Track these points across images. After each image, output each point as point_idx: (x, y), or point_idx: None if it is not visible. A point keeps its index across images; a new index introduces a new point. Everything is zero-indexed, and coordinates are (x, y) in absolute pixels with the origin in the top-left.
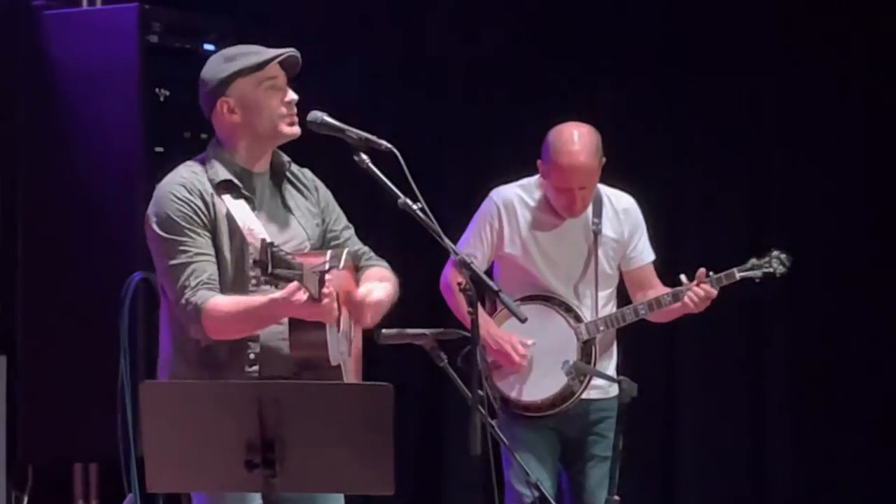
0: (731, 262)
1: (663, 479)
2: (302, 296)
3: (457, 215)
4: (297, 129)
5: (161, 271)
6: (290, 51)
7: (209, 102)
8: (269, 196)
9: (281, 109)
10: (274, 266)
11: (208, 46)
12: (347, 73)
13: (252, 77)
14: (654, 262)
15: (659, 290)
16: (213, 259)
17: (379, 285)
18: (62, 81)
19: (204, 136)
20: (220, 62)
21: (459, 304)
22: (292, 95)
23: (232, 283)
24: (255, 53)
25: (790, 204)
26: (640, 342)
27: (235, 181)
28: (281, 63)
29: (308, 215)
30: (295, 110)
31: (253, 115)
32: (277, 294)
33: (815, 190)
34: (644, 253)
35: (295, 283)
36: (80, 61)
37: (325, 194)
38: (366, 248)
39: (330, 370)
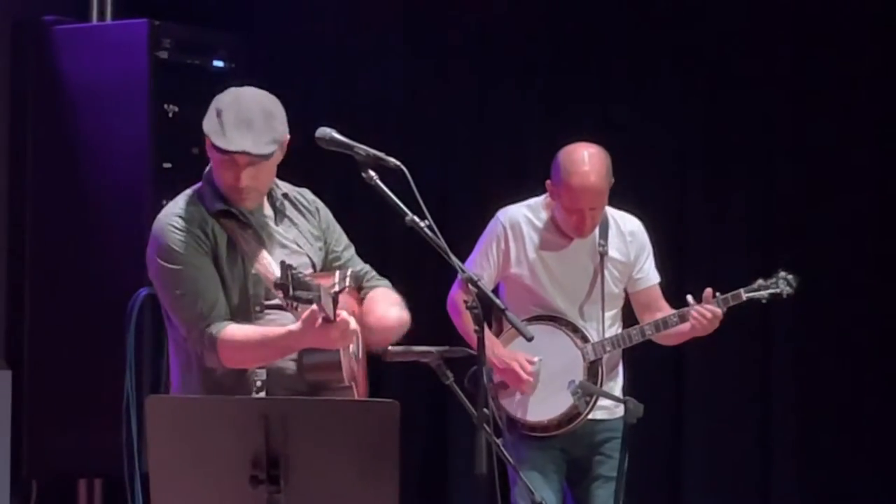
0: (738, 282)
1: (669, 499)
2: (318, 322)
3: (463, 235)
4: (247, 205)
5: (168, 303)
6: (244, 149)
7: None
8: (269, 221)
9: (230, 182)
10: (294, 288)
11: (217, 63)
12: (356, 91)
13: (213, 146)
14: (661, 283)
15: (666, 311)
16: (219, 286)
17: (393, 310)
18: (72, 96)
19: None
20: (211, 107)
21: (466, 325)
22: (244, 182)
23: (237, 309)
24: (219, 129)
25: (798, 218)
26: (647, 362)
27: (234, 210)
28: None
29: (311, 238)
30: (243, 193)
31: (215, 174)
32: (294, 326)
33: (823, 204)
34: (650, 275)
35: (309, 311)
36: (90, 76)
37: (326, 215)
38: (368, 268)
39: (342, 390)
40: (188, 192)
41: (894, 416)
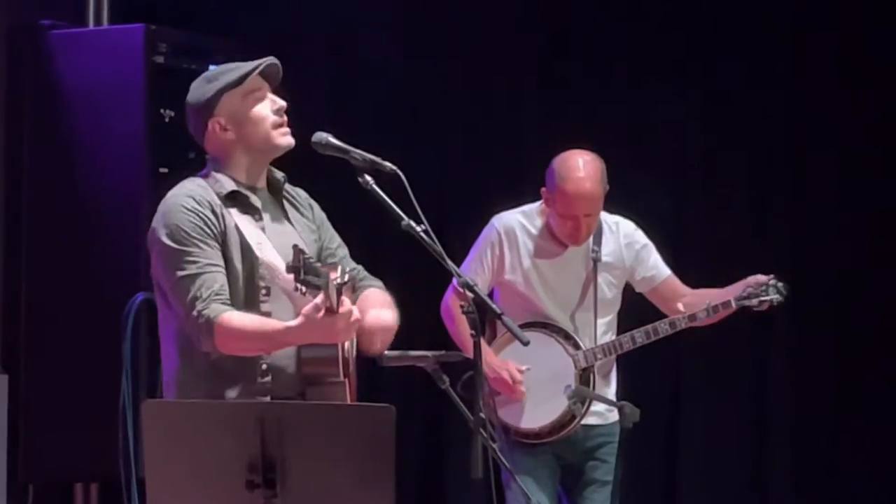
0: (734, 277)
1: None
2: (321, 314)
3: (460, 239)
4: (290, 140)
5: (169, 284)
6: (269, 60)
7: (199, 126)
8: (271, 210)
9: (272, 118)
10: (305, 272)
11: (213, 67)
12: (353, 95)
13: (237, 91)
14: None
15: (689, 296)
16: (223, 270)
17: (387, 311)
18: (68, 101)
19: (208, 156)
20: (203, 84)
21: (460, 330)
22: (280, 102)
23: (243, 293)
24: (235, 69)
25: (798, 218)
26: (643, 365)
27: (242, 192)
28: (263, 73)
29: (307, 231)
30: (286, 118)
31: (245, 129)
32: (293, 323)
33: (823, 204)
34: (659, 269)
35: (312, 306)
36: (87, 81)
37: (320, 213)
38: (360, 268)
39: (336, 386)
40: (195, 177)
41: (894, 418)
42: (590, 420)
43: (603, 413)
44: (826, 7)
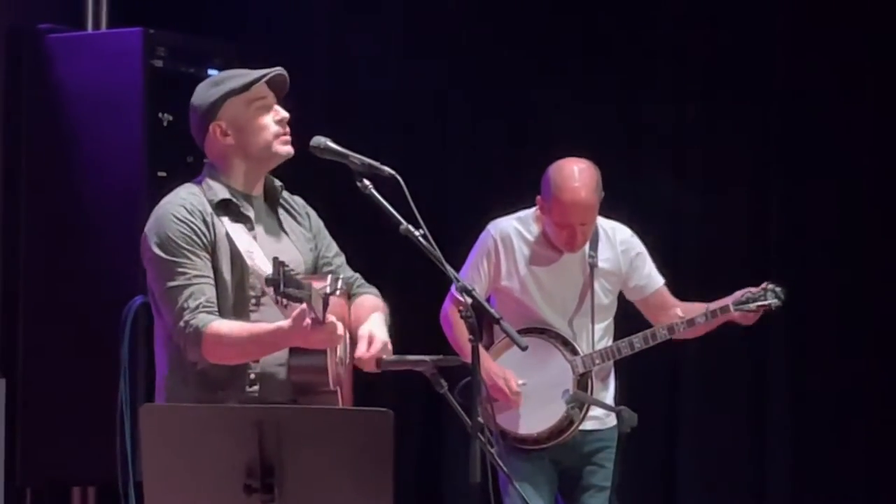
0: (734, 286)
1: None
2: (308, 321)
3: (459, 244)
4: (290, 149)
5: (159, 293)
6: (277, 70)
7: (201, 128)
8: (265, 219)
9: (274, 128)
10: (285, 285)
11: (212, 71)
12: (351, 98)
13: (241, 97)
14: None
15: (680, 306)
16: (212, 281)
17: (375, 324)
18: (66, 105)
19: (206, 160)
20: (209, 87)
21: (458, 337)
22: (283, 113)
23: (233, 304)
24: (242, 75)
25: (791, 222)
26: (641, 370)
27: (234, 200)
28: (269, 83)
29: (302, 240)
30: (287, 129)
31: (246, 136)
32: (283, 323)
33: (823, 207)
34: (652, 278)
35: (300, 310)
36: (85, 85)
37: (317, 221)
38: (357, 275)
39: (327, 394)
40: (190, 183)
41: (892, 421)
42: (588, 425)
43: (601, 418)
44: (826, 7)
